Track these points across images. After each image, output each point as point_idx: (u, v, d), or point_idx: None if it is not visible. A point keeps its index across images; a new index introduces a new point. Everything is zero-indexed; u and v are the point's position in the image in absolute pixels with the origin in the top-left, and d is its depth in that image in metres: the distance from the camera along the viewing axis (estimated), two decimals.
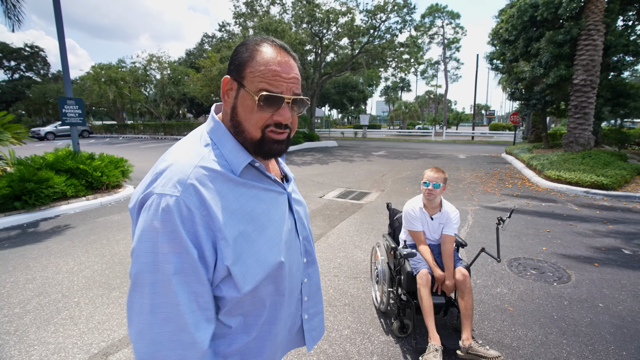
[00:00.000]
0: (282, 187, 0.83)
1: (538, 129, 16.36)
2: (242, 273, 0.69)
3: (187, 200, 0.63)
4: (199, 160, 0.69)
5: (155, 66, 28.92)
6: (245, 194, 0.72)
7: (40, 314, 2.63)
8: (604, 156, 8.33)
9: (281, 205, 0.81)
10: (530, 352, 2.22)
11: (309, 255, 0.92)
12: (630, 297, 2.91)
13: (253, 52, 0.71)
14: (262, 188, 0.76)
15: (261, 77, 0.69)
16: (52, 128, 25.26)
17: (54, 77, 40.56)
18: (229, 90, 0.74)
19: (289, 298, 0.83)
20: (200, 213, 0.64)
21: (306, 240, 0.91)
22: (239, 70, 0.72)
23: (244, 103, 0.71)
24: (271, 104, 0.70)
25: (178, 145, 0.74)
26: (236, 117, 0.73)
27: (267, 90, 0.69)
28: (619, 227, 4.76)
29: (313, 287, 0.94)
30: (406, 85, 54.97)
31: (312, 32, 18.53)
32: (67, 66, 6.38)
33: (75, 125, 6.78)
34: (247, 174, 0.75)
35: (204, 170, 0.67)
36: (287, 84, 0.72)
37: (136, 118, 44.29)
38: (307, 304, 0.93)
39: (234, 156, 0.73)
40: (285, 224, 0.80)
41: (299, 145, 17.48)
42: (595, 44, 9.25)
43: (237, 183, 0.71)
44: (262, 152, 0.75)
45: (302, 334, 0.94)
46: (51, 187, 5.45)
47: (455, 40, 39.20)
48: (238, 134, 0.74)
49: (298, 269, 0.86)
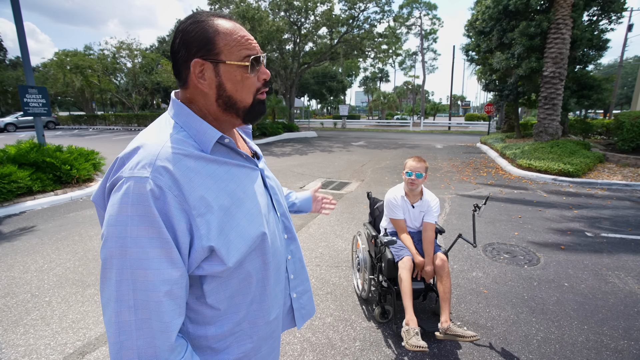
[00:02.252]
0: (254, 162, 0.83)
1: (511, 119, 17.02)
2: (226, 247, 0.68)
3: (158, 181, 0.61)
4: (166, 141, 0.67)
5: (125, 54, 27.47)
6: (217, 171, 0.72)
7: (7, 316, 2.50)
8: (570, 145, 8.80)
9: (255, 181, 0.81)
10: (503, 331, 2.34)
11: (288, 232, 0.92)
12: (592, 276, 3.13)
13: (216, 27, 0.70)
14: (234, 164, 0.76)
15: (239, 45, 0.71)
16: (13, 119, 23.55)
17: (12, 63, 37.66)
18: (200, 72, 0.71)
19: (276, 273, 0.83)
20: (172, 193, 0.62)
21: (284, 216, 0.91)
22: (207, 48, 0.69)
23: (231, 76, 0.71)
24: (254, 67, 0.73)
25: (143, 132, 0.72)
26: (225, 93, 0.72)
27: (250, 55, 0.72)
28: (583, 212, 5.07)
29: (297, 264, 0.95)
30: (385, 76, 55.36)
31: (291, 20, 18.19)
32: (27, 51, 5.93)
33: (39, 116, 6.35)
34: (218, 151, 0.75)
35: (174, 149, 0.66)
36: (255, 44, 0.75)
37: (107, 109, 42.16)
38: (294, 282, 0.93)
39: (202, 135, 0.71)
40: (262, 198, 0.80)
41: (279, 136, 17.30)
42: (564, 37, 9.64)
43: (208, 160, 0.71)
44: (252, 116, 0.77)
45: (292, 313, 0.94)
46: (14, 182, 5.12)
47: (433, 32, 39.75)
48: (230, 109, 0.74)
49: (281, 244, 0.86)
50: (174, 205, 0.62)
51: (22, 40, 5.85)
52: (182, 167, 0.65)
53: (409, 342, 1.94)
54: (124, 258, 0.59)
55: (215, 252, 0.67)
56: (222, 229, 0.68)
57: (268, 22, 15.59)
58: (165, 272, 0.61)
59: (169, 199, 0.62)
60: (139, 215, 0.59)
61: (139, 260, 0.59)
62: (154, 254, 0.60)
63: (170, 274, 0.62)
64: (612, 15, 10.98)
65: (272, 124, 18.01)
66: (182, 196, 0.63)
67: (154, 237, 0.60)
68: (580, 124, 12.33)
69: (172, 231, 0.62)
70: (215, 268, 0.69)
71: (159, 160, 0.63)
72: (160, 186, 0.61)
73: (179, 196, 0.63)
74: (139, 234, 0.59)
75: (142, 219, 0.59)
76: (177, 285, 0.63)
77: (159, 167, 0.62)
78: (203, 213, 0.66)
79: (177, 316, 0.64)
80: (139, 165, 0.62)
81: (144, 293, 0.59)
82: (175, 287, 0.63)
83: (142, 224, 0.59)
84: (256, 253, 0.76)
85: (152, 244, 0.60)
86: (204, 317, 0.73)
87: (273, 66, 19.51)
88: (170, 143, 0.67)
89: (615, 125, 9.73)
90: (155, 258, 0.60)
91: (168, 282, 0.61)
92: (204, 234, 0.65)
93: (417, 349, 1.88)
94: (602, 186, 6.74)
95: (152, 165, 0.62)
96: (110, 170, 0.65)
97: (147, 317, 0.60)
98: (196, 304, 0.73)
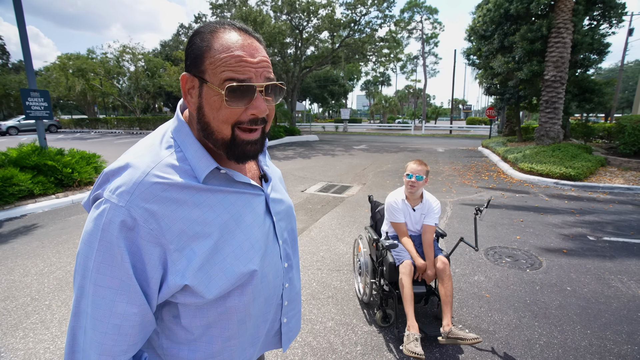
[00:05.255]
0: (258, 188, 0.75)
1: (512, 123, 17.01)
2: (205, 283, 0.63)
3: (134, 212, 0.57)
4: (155, 165, 0.62)
5: (128, 57, 27.65)
6: (208, 200, 0.65)
7: (7, 319, 2.49)
8: (572, 149, 8.78)
9: (255, 208, 0.73)
10: (505, 336, 2.32)
11: (289, 260, 0.85)
12: (594, 280, 3.11)
13: (210, 40, 0.61)
14: (231, 192, 0.69)
15: (224, 65, 0.59)
16: (15, 122, 23.71)
17: (15, 67, 37.99)
18: (190, 89, 0.64)
19: (264, 308, 0.77)
20: (148, 226, 0.58)
21: (287, 243, 0.84)
22: (197, 64, 0.62)
23: (209, 100, 0.61)
24: (241, 96, 0.60)
25: (139, 144, 0.67)
26: (204, 118, 0.63)
27: (233, 79, 0.59)
28: (585, 216, 5.04)
29: (293, 290, 0.89)
30: (386, 80, 55.53)
31: (292, 24, 18.31)
32: (30, 55, 5.97)
33: (41, 119, 6.38)
34: (214, 178, 0.67)
35: (158, 178, 0.60)
36: (256, 69, 0.61)
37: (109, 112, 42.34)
38: (287, 308, 0.88)
39: (197, 161, 0.65)
40: (260, 228, 0.73)
41: (280, 140, 17.33)
42: (564, 41, 9.66)
43: (198, 190, 0.64)
44: (235, 155, 0.65)
45: (279, 336, 0.89)
46: (16, 185, 5.13)
47: (434, 36, 39.90)
48: (208, 137, 0.65)
49: (277, 275, 0.79)
50: (146, 239, 0.58)
51: (25, 44, 5.90)
52: (164, 199, 0.60)
53: (406, 347, 1.95)
54: (85, 279, 0.58)
55: (191, 288, 0.63)
56: (202, 265, 0.63)
57: (270, 25, 15.67)
58: (119, 306, 0.58)
59: (143, 232, 0.58)
60: (107, 242, 0.57)
61: (96, 286, 0.58)
62: (112, 284, 0.58)
63: (124, 309, 0.59)
64: (613, 19, 11.00)
65: (273, 127, 18.07)
66: (159, 230, 0.59)
67: (116, 268, 0.57)
68: (581, 128, 12.31)
69: (141, 265, 0.59)
70: (190, 300, 0.64)
71: (138, 190, 0.58)
72: (134, 218, 0.57)
73: (156, 229, 0.59)
74: (104, 261, 0.57)
75: (109, 246, 0.57)
76: (129, 322, 0.59)
77: (137, 198, 0.58)
78: (182, 248, 0.61)
79: (122, 352, 0.60)
80: (118, 190, 0.58)
81: (93, 322, 0.58)
82: (126, 323, 0.59)
83: (107, 251, 0.57)
84: (241, 290, 0.69)
85: (112, 274, 0.58)
86: (177, 337, 0.70)
87: (275, 70, 19.61)
88: (157, 170, 0.61)
89: (617, 129, 9.71)
90: (112, 288, 0.58)
91: (119, 316, 0.59)
92: (179, 270, 0.61)
93: (413, 355, 1.88)
94: (604, 190, 6.71)
95: (131, 194, 0.58)
96: (97, 183, 0.63)
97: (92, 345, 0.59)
98: (171, 322, 0.69)
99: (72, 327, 0.61)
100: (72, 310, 0.61)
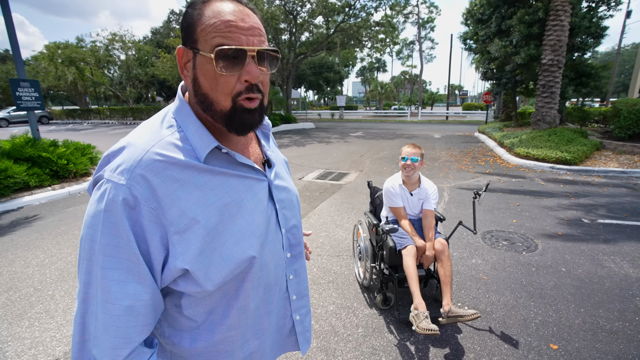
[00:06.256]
0: (261, 173, 0.74)
1: (508, 108, 17.00)
2: (204, 269, 0.63)
3: (134, 190, 0.57)
4: (155, 143, 0.61)
5: (118, 46, 26.99)
6: (210, 182, 0.64)
7: (11, 310, 2.51)
8: (568, 133, 8.82)
9: (257, 194, 0.72)
10: (502, 316, 2.39)
11: (293, 249, 0.82)
12: (588, 261, 3.18)
13: (202, 8, 0.60)
14: (233, 175, 0.68)
15: (214, 31, 0.58)
16: (5, 114, 23.24)
17: (1, 57, 36.96)
18: (186, 62, 0.63)
19: (266, 295, 0.76)
20: (149, 205, 0.58)
21: (290, 232, 0.81)
22: (190, 34, 0.61)
23: (203, 70, 0.61)
24: (232, 62, 0.59)
25: (140, 126, 0.67)
26: (200, 90, 0.62)
27: (222, 45, 0.58)
28: (580, 200, 5.12)
29: (302, 283, 0.86)
30: (382, 66, 54.89)
31: (286, 9, 17.89)
32: (17, 44, 5.80)
33: (33, 110, 6.26)
34: (215, 159, 0.66)
35: (159, 156, 0.60)
36: (247, 36, 0.60)
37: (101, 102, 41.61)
38: (297, 303, 0.85)
39: (198, 140, 0.64)
40: (262, 214, 0.71)
41: (276, 128, 17.21)
42: (562, 24, 9.56)
43: (200, 170, 0.63)
44: (234, 126, 0.64)
45: (294, 336, 0.87)
46: (11, 177, 5.08)
47: (430, 20, 39.23)
48: (207, 110, 0.63)
49: (278, 264, 0.77)
50: (148, 218, 0.58)
51: (12, 32, 5.72)
52: (164, 177, 0.59)
53: (419, 325, 1.94)
54: (92, 263, 0.57)
55: (191, 273, 0.62)
56: (203, 249, 0.62)
57: (263, 10, 15.33)
58: (130, 286, 0.58)
59: (144, 211, 0.57)
60: (111, 223, 0.56)
61: (104, 269, 0.57)
62: (120, 265, 0.57)
63: (135, 289, 0.58)
64: (611, 1, 10.88)
65: (269, 115, 17.90)
66: (160, 209, 0.58)
67: (122, 248, 0.57)
68: (577, 112, 12.33)
69: (145, 245, 0.59)
70: (192, 288, 0.64)
71: (139, 168, 0.58)
72: (135, 196, 0.57)
73: (157, 209, 0.58)
74: (109, 242, 0.56)
75: (113, 227, 0.56)
76: (141, 302, 0.59)
77: (138, 175, 0.57)
78: (182, 230, 0.60)
79: (137, 334, 0.60)
80: (119, 169, 0.58)
81: (103, 305, 0.57)
82: (138, 303, 0.59)
83: (112, 232, 0.56)
84: (241, 277, 0.69)
85: (120, 255, 0.57)
86: (180, 324, 0.71)
87: None
88: (157, 147, 0.61)
89: (613, 112, 9.75)
90: (121, 269, 0.57)
91: (131, 297, 0.58)
92: (179, 253, 0.60)
93: (429, 332, 1.89)
94: (598, 173, 6.79)
95: (131, 172, 0.57)
96: (98, 166, 0.63)
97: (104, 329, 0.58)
98: (174, 311, 0.70)
99: (81, 314, 0.59)
100: (80, 298, 0.59)
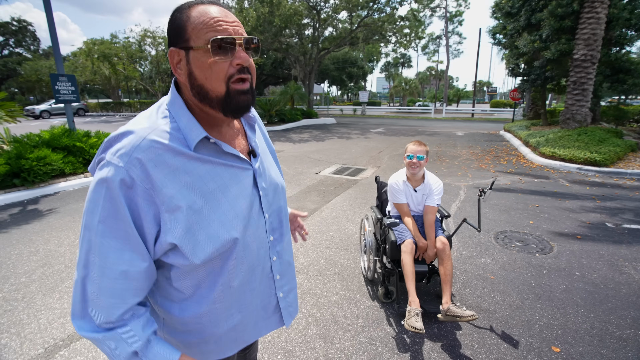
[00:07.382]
0: (246, 162, 0.82)
1: (537, 106, 16.20)
2: (191, 246, 0.71)
3: (131, 172, 0.65)
4: (151, 131, 0.70)
5: (149, 42, 28.07)
6: (198, 169, 0.73)
7: (45, 283, 2.78)
8: (600, 133, 8.35)
9: (242, 182, 0.80)
10: (506, 316, 2.37)
11: (275, 233, 0.90)
12: (606, 266, 3.06)
13: (188, 13, 0.70)
14: (219, 164, 0.76)
15: (205, 27, 0.68)
16: (47, 106, 24.87)
17: (45, 53, 39.41)
18: (178, 62, 0.72)
19: (249, 274, 0.83)
20: (144, 185, 0.66)
21: (273, 217, 0.89)
22: (181, 35, 0.70)
23: (198, 63, 0.69)
24: (225, 50, 0.69)
25: (138, 116, 0.76)
26: (196, 82, 0.71)
27: (215, 37, 0.68)
28: (606, 203, 4.87)
29: (284, 264, 0.94)
30: (407, 61, 53.71)
31: (310, 4, 17.89)
32: (57, 41, 6.24)
33: (69, 103, 6.73)
34: (204, 148, 0.75)
35: (154, 143, 0.68)
36: (233, 27, 0.70)
37: (132, 96, 43.52)
38: (281, 282, 0.94)
39: (189, 131, 0.72)
40: (245, 200, 0.80)
41: (297, 123, 17.36)
42: (599, 17, 8.99)
43: (190, 157, 0.72)
44: (231, 108, 0.73)
45: (279, 312, 0.95)
46: (49, 165, 5.51)
47: (458, 14, 37.91)
48: (205, 100, 0.72)
49: (261, 246, 0.85)
50: (143, 197, 0.67)
51: (52, 30, 6.16)
52: (158, 162, 0.68)
53: (407, 321, 2.02)
54: (92, 232, 0.66)
55: (179, 248, 0.71)
56: (189, 228, 0.70)
57: (286, 6, 15.42)
58: (125, 254, 0.67)
59: (139, 190, 0.66)
60: (110, 199, 0.65)
61: (103, 237, 0.66)
62: (117, 235, 0.66)
63: (130, 257, 0.67)
64: None
65: (290, 110, 18.07)
66: (154, 189, 0.67)
67: (120, 220, 0.66)
68: (613, 111, 11.60)
69: (139, 221, 0.68)
70: (180, 261, 0.73)
71: (136, 152, 0.66)
72: (132, 177, 0.65)
73: (150, 189, 0.67)
74: (108, 215, 0.65)
75: (112, 202, 0.65)
76: (135, 269, 0.68)
77: (135, 158, 0.66)
78: (172, 210, 0.69)
79: (131, 296, 0.69)
80: (119, 152, 0.66)
81: (102, 270, 0.67)
82: (132, 269, 0.68)
83: (111, 207, 0.65)
84: (226, 255, 0.77)
85: (117, 226, 0.66)
86: (171, 295, 0.80)
87: (292, 52, 19.39)
88: (153, 135, 0.69)
89: None
90: (118, 238, 0.66)
91: (126, 263, 0.67)
92: (169, 230, 0.69)
93: (413, 329, 1.96)
94: (631, 176, 6.40)
95: (129, 155, 0.66)
96: (100, 148, 0.71)
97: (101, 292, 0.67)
98: (165, 282, 0.79)
99: (81, 277, 0.68)
100: (81, 263, 0.68)
